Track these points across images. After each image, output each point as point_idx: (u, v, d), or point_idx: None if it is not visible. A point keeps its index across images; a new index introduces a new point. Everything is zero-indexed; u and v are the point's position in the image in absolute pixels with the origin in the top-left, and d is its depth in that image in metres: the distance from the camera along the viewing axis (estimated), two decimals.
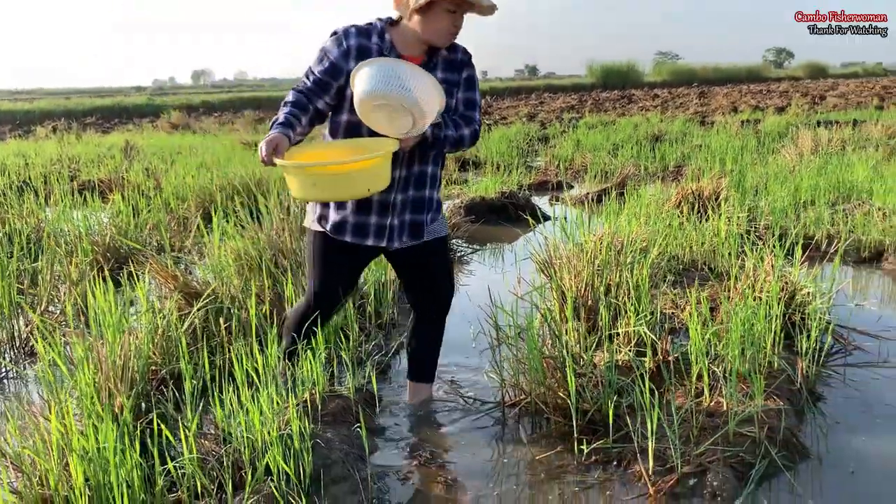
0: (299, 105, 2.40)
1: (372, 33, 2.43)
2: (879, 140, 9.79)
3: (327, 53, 2.41)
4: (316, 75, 2.41)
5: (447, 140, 2.49)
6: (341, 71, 2.39)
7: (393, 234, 2.58)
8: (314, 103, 2.43)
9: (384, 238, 2.57)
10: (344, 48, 2.39)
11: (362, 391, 2.90)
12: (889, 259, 4.86)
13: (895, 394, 2.99)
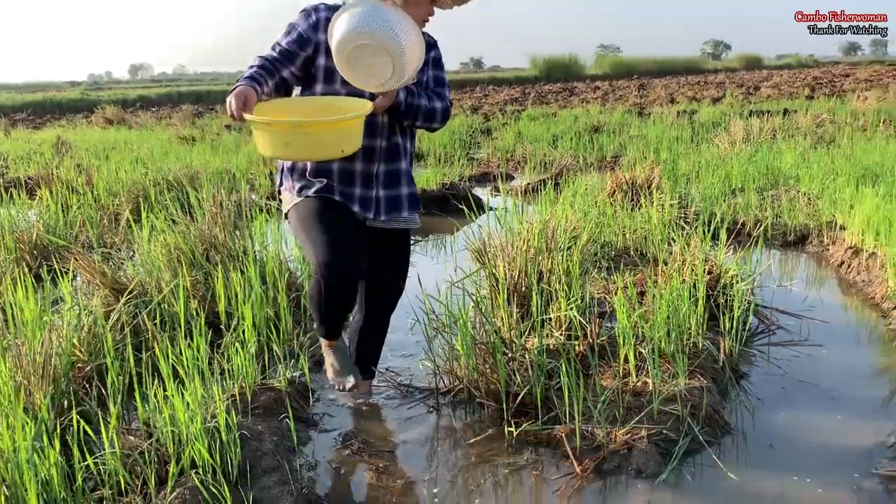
0: (265, 69, 2.35)
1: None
2: (808, 129, 10.11)
3: (296, 26, 2.41)
4: (282, 46, 2.40)
5: (420, 110, 2.48)
6: (309, 41, 2.39)
7: (379, 206, 2.56)
8: (280, 71, 2.39)
9: (370, 209, 2.54)
10: (313, 20, 2.40)
11: (295, 383, 2.89)
12: (813, 242, 5.05)
13: (815, 371, 3.10)
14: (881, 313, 3.68)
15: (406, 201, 2.63)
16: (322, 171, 2.50)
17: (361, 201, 2.52)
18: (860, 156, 6.87)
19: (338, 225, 2.44)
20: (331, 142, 2.22)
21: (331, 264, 2.37)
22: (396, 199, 2.60)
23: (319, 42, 2.39)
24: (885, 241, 4.13)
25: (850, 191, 5.17)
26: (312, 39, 2.39)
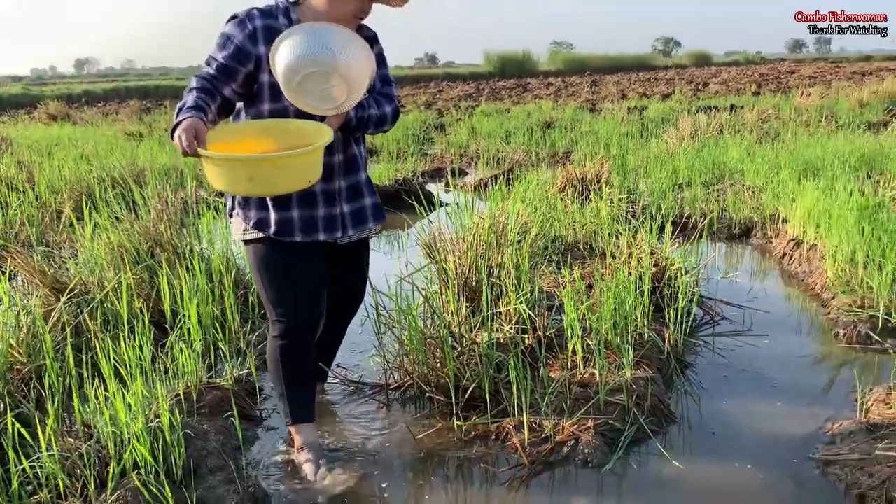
0: (206, 91, 2.13)
1: (277, 14, 2.21)
2: (754, 124, 10.34)
3: (231, 38, 2.15)
4: (220, 61, 2.15)
5: (371, 119, 2.32)
6: (248, 55, 2.15)
7: (345, 222, 2.37)
8: (221, 91, 2.16)
9: (336, 229, 2.33)
10: (249, 30, 2.15)
11: (242, 381, 2.85)
12: (757, 234, 5.17)
13: (757, 360, 3.18)
14: (821, 303, 3.79)
15: (370, 212, 2.46)
16: (280, 195, 2.25)
17: (326, 222, 2.31)
18: (802, 150, 7.05)
19: (301, 275, 2.29)
20: (297, 174, 2.04)
21: (296, 316, 2.28)
22: (361, 211, 2.42)
23: (260, 56, 2.16)
24: (824, 232, 4.26)
25: (792, 184, 5.30)
26: (252, 53, 2.15)
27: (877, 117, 11.06)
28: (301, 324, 2.31)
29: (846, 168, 5.98)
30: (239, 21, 2.18)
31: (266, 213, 2.26)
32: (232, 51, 2.14)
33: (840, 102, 13.34)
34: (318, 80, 2.05)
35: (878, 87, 15.84)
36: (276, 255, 2.27)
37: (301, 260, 2.29)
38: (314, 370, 2.47)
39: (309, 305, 2.32)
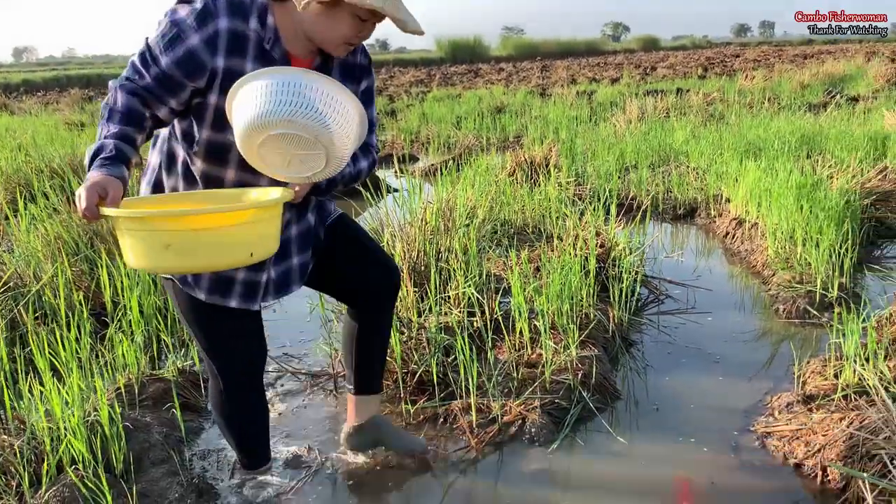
0: (133, 118, 1.60)
1: (249, 12, 1.64)
2: (699, 107, 10.52)
3: (182, 33, 1.59)
4: (161, 68, 1.60)
5: (343, 179, 1.88)
6: (202, 67, 1.61)
7: (268, 290, 1.93)
8: (154, 110, 1.64)
9: (255, 299, 1.89)
10: (209, 32, 1.60)
11: (186, 372, 2.80)
12: (701, 214, 5.27)
13: (700, 336, 3.24)
14: (762, 280, 3.88)
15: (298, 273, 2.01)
16: None
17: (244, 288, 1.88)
18: (745, 132, 7.19)
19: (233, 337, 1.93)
20: (236, 241, 1.55)
21: (234, 373, 1.97)
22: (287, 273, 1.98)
23: (217, 70, 1.62)
24: (765, 211, 4.36)
25: (735, 165, 5.41)
26: (206, 65, 1.61)
27: (817, 99, 11.35)
28: (234, 376, 1.97)
29: (787, 148, 6.13)
30: (198, 13, 1.60)
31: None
32: (181, 55, 1.59)
33: (782, 85, 13.65)
34: (290, 143, 1.57)
35: (818, 70, 16.26)
36: (198, 313, 1.87)
37: (226, 318, 1.88)
38: (266, 413, 2.14)
39: (239, 364, 1.97)
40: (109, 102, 1.61)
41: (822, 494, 2.07)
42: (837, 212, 3.92)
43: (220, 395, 1.98)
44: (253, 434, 2.11)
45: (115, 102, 1.60)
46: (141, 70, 1.61)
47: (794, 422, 2.37)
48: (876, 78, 14.37)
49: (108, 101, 1.61)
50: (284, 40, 1.69)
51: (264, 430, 2.14)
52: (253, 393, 2.04)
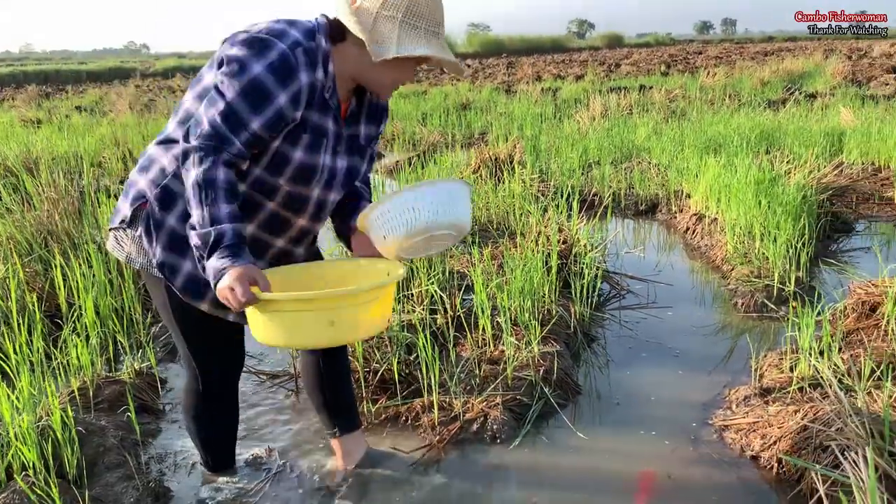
0: (235, 191, 1.61)
1: (318, 61, 1.68)
2: (661, 104, 10.64)
3: (271, 96, 1.60)
4: (252, 132, 1.60)
5: None
6: (287, 123, 1.67)
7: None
8: (241, 168, 1.68)
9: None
10: (294, 89, 1.63)
11: (144, 374, 2.75)
12: (662, 210, 5.33)
13: (660, 330, 3.28)
14: (721, 274, 3.94)
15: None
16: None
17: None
18: (706, 128, 7.29)
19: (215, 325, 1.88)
20: (385, 310, 1.73)
21: (214, 374, 1.98)
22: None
23: (293, 120, 1.68)
24: (725, 206, 4.42)
25: (695, 161, 5.48)
26: (289, 120, 1.66)
27: (776, 95, 11.54)
28: (214, 377, 1.98)
29: (746, 144, 6.22)
30: (285, 67, 1.61)
31: (174, 259, 1.76)
32: (271, 117, 1.61)
33: (743, 81, 13.86)
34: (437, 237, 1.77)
35: (778, 67, 16.54)
36: (183, 312, 1.85)
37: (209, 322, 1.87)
38: (236, 417, 2.17)
39: (220, 366, 1.99)
40: (207, 177, 1.57)
41: (777, 486, 2.11)
42: (794, 207, 3.99)
43: (196, 396, 2.00)
44: (223, 437, 2.15)
45: (214, 177, 1.57)
46: (231, 138, 1.59)
47: (750, 415, 2.40)
48: (833, 75, 14.67)
49: (204, 174, 1.57)
50: (338, 86, 1.75)
51: (233, 434, 2.18)
52: (228, 396, 2.07)
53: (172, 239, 1.74)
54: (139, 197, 1.76)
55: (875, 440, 1.91)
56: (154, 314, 3.31)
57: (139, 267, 1.83)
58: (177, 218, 1.73)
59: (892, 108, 8.56)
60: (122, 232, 1.81)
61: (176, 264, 1.75)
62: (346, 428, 2.24)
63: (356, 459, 2.26)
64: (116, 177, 6.75)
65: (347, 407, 2.23)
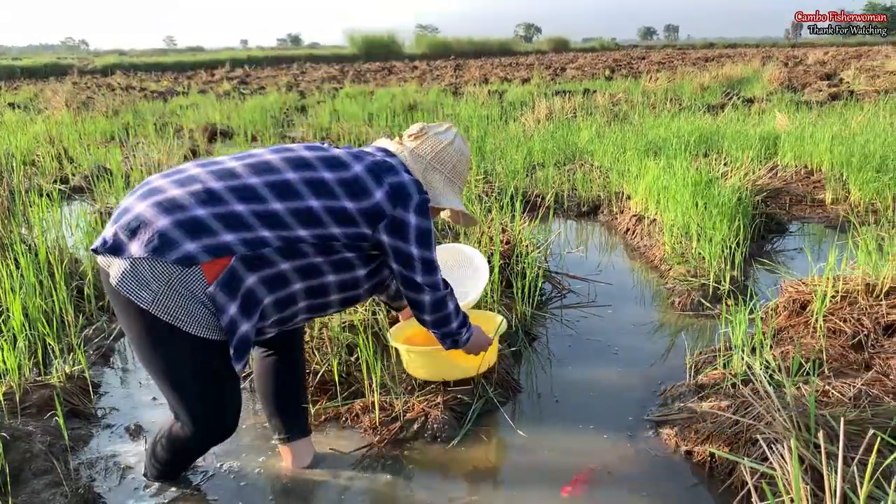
0: None
1: None
2: (605, 107, 10.80)
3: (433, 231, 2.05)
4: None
5: None
6: None
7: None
8: None
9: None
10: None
11: (75, 378, 2.67)
12: (604, 211, 5.41)
13: (600, 329, 3.33)
14: (660, 274, 4.02)
15: None
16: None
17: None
18: (647, 131, 7.43)
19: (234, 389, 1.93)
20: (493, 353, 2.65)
21: (219, 425, 1.95)
22: None
23: None
24: (663, 207, 4.51)
25: (636, 163, 5.57)
26: None
27: (715, 100, 11.84)
28: (217, 429, 1.97)
29: (685, 147, 6.36)
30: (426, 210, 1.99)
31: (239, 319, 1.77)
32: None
33: (684, 86, 14.19)
34: None
35: (717, 72, 16.98)
36: (216, 363, 1.82)
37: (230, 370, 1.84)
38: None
39: (230, 416, 1.96)
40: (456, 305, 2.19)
41: (710, 480, 2.16)
42: (730, 208, 4.10)
43: (188, 441, 1.95)
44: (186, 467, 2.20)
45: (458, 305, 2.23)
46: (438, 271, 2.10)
47: (685, 410, 2.45)
48: (770, 81, 15.12)
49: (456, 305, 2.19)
50: None
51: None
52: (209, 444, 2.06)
53: (247, 300, 1.77)
54: (223, 248, 1.71)
55: (801, 433, 1.98)
56: (87, 317, 3.21)
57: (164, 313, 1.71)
58: (255, 280, 1.78)
59: (825, 114, 8.87)
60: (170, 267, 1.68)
61: (238, 323, 1.75)
62: (297, 434, 2.24)
63: (304, 463, 2.25)
64: (51, 176, 6.55)
65: (300, 412, 2.25)
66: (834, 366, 2.65)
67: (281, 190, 1.79)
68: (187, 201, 1.73)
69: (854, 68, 17.74)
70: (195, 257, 1.68)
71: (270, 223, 1.76)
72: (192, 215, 1.71)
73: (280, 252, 1.79)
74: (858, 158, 5.55)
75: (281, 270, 1.81)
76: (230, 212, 1.74)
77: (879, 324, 2.84)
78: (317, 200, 1.81)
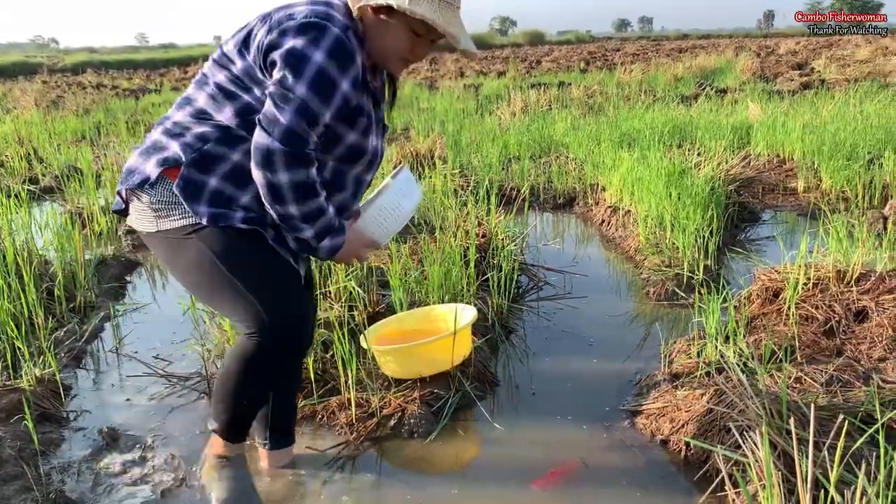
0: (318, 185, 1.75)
1: (362, 41, 1.75)
2: (580, 99, 10.84)
3: (336, 83, 1.64)
4: (325, 122, 1.67)
5: None
6: (350, 108, 1.72)
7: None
8: None
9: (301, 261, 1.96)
10: (354, 74, 1.68)
11: (45, 382, 2.63)
12: (579, 203, 5.43)
13: (576, 320, 3.34)
14: (634, 264, 4.04)
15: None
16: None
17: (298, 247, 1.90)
18: (622, 123, 7.47)
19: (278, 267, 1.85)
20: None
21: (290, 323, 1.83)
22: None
23: (362, 107, 1.77)
24: (638, 198, 4.53)
25: (611, 155, 5.60)
26: (352, 104, 1.72)
27: (689, 91, 11.92)
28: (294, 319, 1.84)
29: (659, 138, 6.40)
30: (343, 54, 1.64)
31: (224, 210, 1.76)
32: (339, 105, 1.67)
33: (658, 78, 14.26)
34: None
35: (691, 63, 17.12)
36: (243, 243, 1.79)
37: (273, 253, 1.84)
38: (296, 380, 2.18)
39: (295, 299, 1.86)
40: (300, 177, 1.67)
41: (685, 468, 2.17)
42: (703, 198, 4.12)
43: (260, 348, 1.82)
44: (257, 408, 2.07)
45: (307, 176, 1.68)
46: (309, 134, 1.65)
47: (660, 400, 2.47)
48: (743, 71, 15.26)
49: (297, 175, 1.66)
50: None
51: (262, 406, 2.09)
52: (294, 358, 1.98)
53: (217, 196, 1.75)
54: (171, 160, 1.75)
55: (773, 419, 1.99)
56: (57, 319, 3.16)
57: (158, 229, 1.80)
58: (218, 178, 1.75)
59: (797, 103, 8.96)
60: (142, 192, 1.78)
61: (227, 213, 1.75)
62: (280, 444, 2.19)
63: (282, 463, 2.21)
64: (20, 176, 6.45)
65: (289, 422, 2.21)
66: (806, 352, 2.68)
67: (199, 82, 1.82)
68: (151, 133, 1.85)
69: (825, 57, 17.96)
70: (149, 175, 1.76)
71: (201, 118, 1.78)
72: (150, 140, 1.83)
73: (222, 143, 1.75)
74: (829, 147, 5.62)
75: (234, 162, 1.76)
76: (171, 122, 1.81)
77: (850, 310, 2.87)
78: (220, 73, 1.78)
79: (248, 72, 1.73)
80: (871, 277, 2.95)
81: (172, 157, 1.75)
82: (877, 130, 6.15)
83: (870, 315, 2.80)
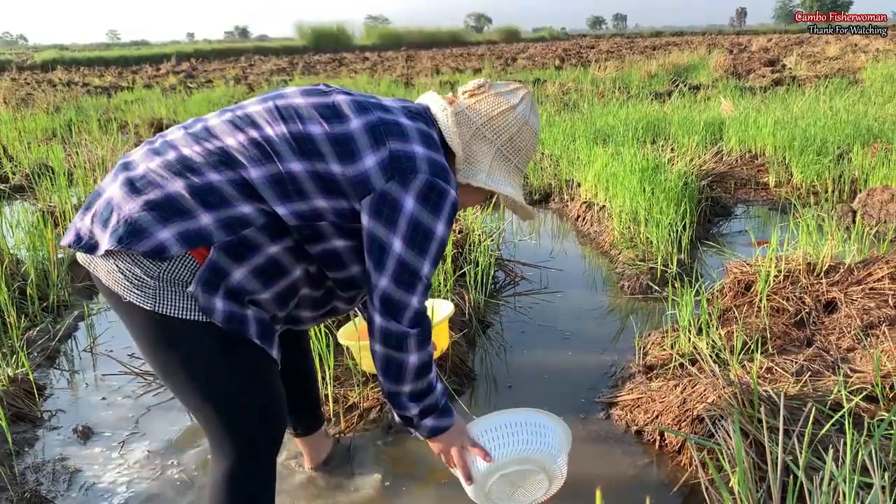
0: None
1: None
2: (555, 96, 10.90)
3: (444, 240, 1.52)
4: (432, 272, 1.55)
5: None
6: None
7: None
8: None
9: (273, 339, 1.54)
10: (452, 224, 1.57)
11: (19, 381, 2.60)
12: (555, 199, 5.47)
13: (552, 314, 3.37)
14: (609, 259, 4.08)
15: None
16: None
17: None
18: (596, 119, 7.52)
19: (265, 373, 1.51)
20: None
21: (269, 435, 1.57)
22: None
23: None
24: (612, 194, 4.57)
25: (585, 151, 5.64)
26: None
27: (663, 87, 12.04)
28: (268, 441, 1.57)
29: (633, 134, 6.46)
30: (452, 216, 1.52)
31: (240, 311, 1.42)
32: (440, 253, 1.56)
33: (632, 74, 14.38)
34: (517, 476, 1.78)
35: (665, 60, 17.25)
36: (238, 347, 1.44)
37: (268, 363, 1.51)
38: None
39: (276, 415, 1.58)
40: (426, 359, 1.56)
41: (660, 458, 2.21)
42: (676, 193, 4.18)
43: (240, 468, 1.52)
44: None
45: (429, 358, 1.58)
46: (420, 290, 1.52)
47: (635, 391, 2.50)
48: (715, 68, 15.42)
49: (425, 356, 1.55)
50: None
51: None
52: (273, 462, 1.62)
53: (238, 291, 1.41)
54: (201, 238, 1.35)
55: (745, 409, 2.03)
56: (30, 318, 3.13)
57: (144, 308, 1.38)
58: (246, 271, 1.40)
59: (768, 99, 9.08)
60: (145, 260, 1.35)
61: (243, 315, 1.42)
62: (311, 427, 2.16)
63: (322, 457, 2.21)
64: None
65: (315, 406, 2.16)
66: (777, 343, 2.73)
67: (260, 150, 1.41)
68: (160, 175, 1.39)
69: (796, 54, 18.20)
70: (167, 248, 1.33)
71: (247, 195, 1.39)
72: (166, 193, 1.37)
73: (266, 232, 1.41)
74: (800, 142, 5.71)
75: (270, 255, 1.43)
76: (204, 182, 1.38)
77: (820, 301, 2.93)
78: (299, 162, 1.41)
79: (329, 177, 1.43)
80: (840, 269, 3.01)
81: (203, 234, 1.35)
82: (846, 126, 6.25)
83: (839, 306, 2.86)
